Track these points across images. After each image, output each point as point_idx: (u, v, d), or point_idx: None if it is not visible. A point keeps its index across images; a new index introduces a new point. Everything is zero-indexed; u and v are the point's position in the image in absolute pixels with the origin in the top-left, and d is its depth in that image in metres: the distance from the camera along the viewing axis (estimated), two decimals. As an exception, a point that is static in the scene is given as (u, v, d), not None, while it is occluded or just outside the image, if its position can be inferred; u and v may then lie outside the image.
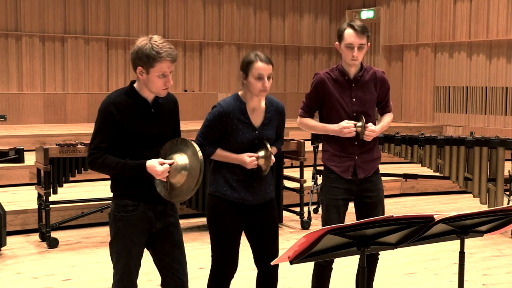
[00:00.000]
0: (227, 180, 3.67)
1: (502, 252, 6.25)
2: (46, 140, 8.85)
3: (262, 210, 3.75)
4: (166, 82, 3.31)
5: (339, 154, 4.02)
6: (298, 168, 7.23)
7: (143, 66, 3.28)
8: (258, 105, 3.71)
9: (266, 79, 3.58)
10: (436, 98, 12.48)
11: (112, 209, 3.45)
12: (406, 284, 5.28)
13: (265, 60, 3.60)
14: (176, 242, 3.50)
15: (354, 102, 4.01)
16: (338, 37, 4.01)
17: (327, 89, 4.00)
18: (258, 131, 3.68)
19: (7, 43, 10.98)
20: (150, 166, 3.28)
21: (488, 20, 11.48)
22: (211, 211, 3.74)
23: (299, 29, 13.75)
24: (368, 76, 4.07)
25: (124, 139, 3.33)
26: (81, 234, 6.72)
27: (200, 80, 12.79)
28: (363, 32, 3.93)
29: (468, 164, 6.79)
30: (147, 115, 3.37)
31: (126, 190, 3.40)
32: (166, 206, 3.47)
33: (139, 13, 12.07)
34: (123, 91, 3.39)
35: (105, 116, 3.30)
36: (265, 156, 3.64)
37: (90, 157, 3.35)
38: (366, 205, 4.07)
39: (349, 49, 3.94)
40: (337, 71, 4.04)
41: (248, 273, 4.85)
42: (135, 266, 3.44)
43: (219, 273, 3.74)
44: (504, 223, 3.13)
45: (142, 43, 3.29)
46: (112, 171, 3.36)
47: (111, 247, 3.47)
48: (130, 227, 3.38)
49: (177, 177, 3.29)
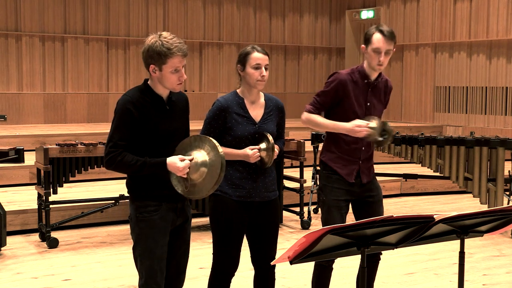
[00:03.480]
0: (230, 178, 3.67)
1: (502, 252, 6.25)
2: (46, 140, 8.86)
3: (265, 209, 3.75)
4: (180, 77, 3.31)
5: (346, 157, 3.99)
6: (298, 168, 7.23)
7: (156, 64, 3.28)
8: (257, 99, 3.73)
9: (263, 68, 3.64)
10: (436, 98, 12.48)
11: (132, 212, 3.40)
12: (406, 284, 5.28)
13: (262, 51, 3.68)
14: (187, 238, 3.54)
15: (368, 106, 3.97)
16: (365, 40, 3.93)
17: (347, 91, 3.94)
18: (258, 125, 3.69)
19: (7, 43, 10.98)
20: (171, 163, 3.26)
21: (488, 20, 11.48)
22: (213, 209, 3.74)
23: (299, 29, 13.75)
24: (382, 84, 4.06)
25: (141, 136, 3.31)
26: (81, 234, 6.72)
27: (200, 80, 12.79)
28: (392, 38, 3.89)
29: (468, 164, 6.79)
30: (163, 112, 3.37)
31: (146, 191, 3.36)
32: (184, 203, 3.48)
33: (139, 13, 12.07)
34: (137, 89, 3.38)
35: (123, 114, 3.28)
36: (267, 147, 3.64)
37: (108, 155, 3.29)
38: (368, 204, 4.06)
39: (376, 54, 3.88)
40: (358, 73, 3.99)
41: (247, 273, 4.84)
42: (160, 269, 3.38)
43: (220, 271, 3.74)
44: (504, 223, 3.13)
45: (152, 40, 3.28)
46: (131, 169, 3.30)
47: (134, 251, 3.42)
48: (153, 228, 3.35)
49: (197, 173, 3.27)
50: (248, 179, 3.68)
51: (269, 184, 3.77)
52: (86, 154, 6.18)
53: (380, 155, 7.91)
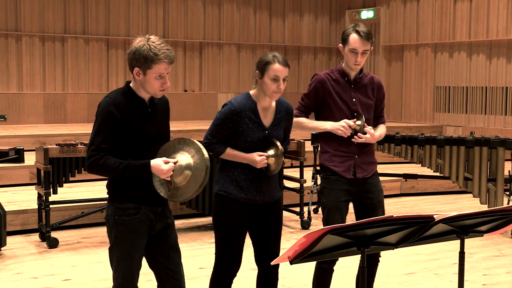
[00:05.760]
0: (235, 179, 3.66)
1: (502, 252, 6.25)
2: (46, 140, 8.85)
3: (268, 210, 3.76)
4: (163, 84, 3.29)
5: (339, 154, 4.02)
6: (298, 168, 7.23)
7: (140, 67, 3.26)
8: (269, 105, 3.72)
9: (281, 81, 3.59)
10: (436, 98, 12.48)
11: (110, 213, 3.36)
12: (406, 284, 5.28)
13: (283, 62, 3.60)
14: (173, 243, 3.48)
15: (354, 102, 4.02)
16: (342, 40, 4.01)
17: (327, 89, 4.01)
18: (268, 131, 3.69)
19: (7, 43, 10.98)
20: (155, 165, 3.24)
21: (488, 20, 11.48)
22: (216, 209, 3.74)
23: (299, 29, 13.75)
24: (367, 80, 4.11)
25: (123, 139, 3.28)
26: (81, 234, 6.72)
27: (200, 80, 12.79)
28: (368, 38, 3.95)
29: (468, 164, 6.79)
30: (145, 114, 3.35)
31: (126, 193, 3.33)
32: (164, 208, 3.45)
33: (139, 13, 12.07)
34: (120, 91, 3.36)
35: (105, 116, 3.25)
36: (275, 154, 3.63)
37: (91, 158, 3.27)
38: (366, 206, 4.06)
39: (353, 54, 3.95)
40: (337, 72, 4.06)
41: (248, 272, 4.85)
42: (137, 270, 3.40)
43: (222, 271, 3.74)
44: (504, 223, 3.13)
45: (140, 44, 3.26)
46: (113, 172, 3.27)
47: (111, 251, 3.41)
48: (132, 231, 3.33)
49: (181, 176, 3.25)
50: (253, 182, 3.68)
51: (273, 186, 3.77)
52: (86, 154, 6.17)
53: (380, 155, 7.87)
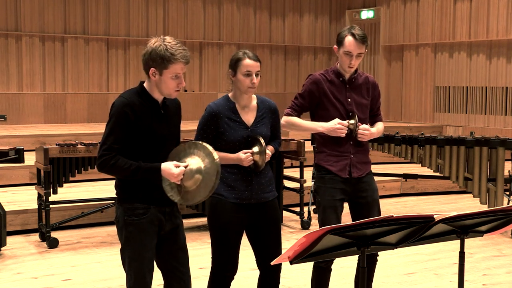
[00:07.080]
0: (226, 180, 3.67)
1: (502, 252, 6.25)
2: (46, 140, 8.85)
3: (263, 210, 3.75)
4: (179, 84, 3.30)
5: (335, 153, 4.03)
6: (298, 168, 7.23)
7: (157, 67, 3.26)
8: (248, 103, 3.74)
9: (254, 75, 3.64)
10: (436, 98, 12.47)
11: (119, 214, 3.37)
12: (406, 284, 5.28)
13: (253, 57, 3.67)
14: (182, 244, 3.49)
15: (349, 103, 4.04)
16: (337, 42, 4.03)
17: (322, 89, 4.03)
18: (250, 129, 3.70)
19: (7, 43, 10.98)
20: (166, 168, 3.24)
21: (488, 20, 11.48)
22: (211, 211, 3.75)
23: (299, 29, 13.75)
24: (361, 80, 4.12)
25: (136, 140, 3.28)
26: (81, 234, 6.72)
27: (200, 80, 12.79)
28: (363, 41, 3.96)
29: (468, 164, 6.78)
30: (158, 116, 3.35)
31: (135, 193, 3.33)
32: (173, 208, 3.45)
33: (139, 13, 12.07)
34: (134, 91, 3.36)
35: (119, 116, 3.26)
36: (260, 151, 3.65)
37: (101, 158, 3.25)
38: (361, 205, 4.07)
39: (347, 56, 3.98)
40: (332, 72, 4.08)
41: (248, 273, 4.85)
42: (149, 271, 3.38)
43: (219, 273, 3.74)
44: (504, 223, 3.13)
45: (156, 44, 3.26)
46: (124, 173, 3.26)
47: (122, 253, 3.41)
48: (142, 231, 3.32)
49: (192, 180, 3.25)
50: (243, 181, 3.69)
51: (265, 185, 3.76)
52: (86, 154, 6.18)
53: (380, 155, 7.91)
